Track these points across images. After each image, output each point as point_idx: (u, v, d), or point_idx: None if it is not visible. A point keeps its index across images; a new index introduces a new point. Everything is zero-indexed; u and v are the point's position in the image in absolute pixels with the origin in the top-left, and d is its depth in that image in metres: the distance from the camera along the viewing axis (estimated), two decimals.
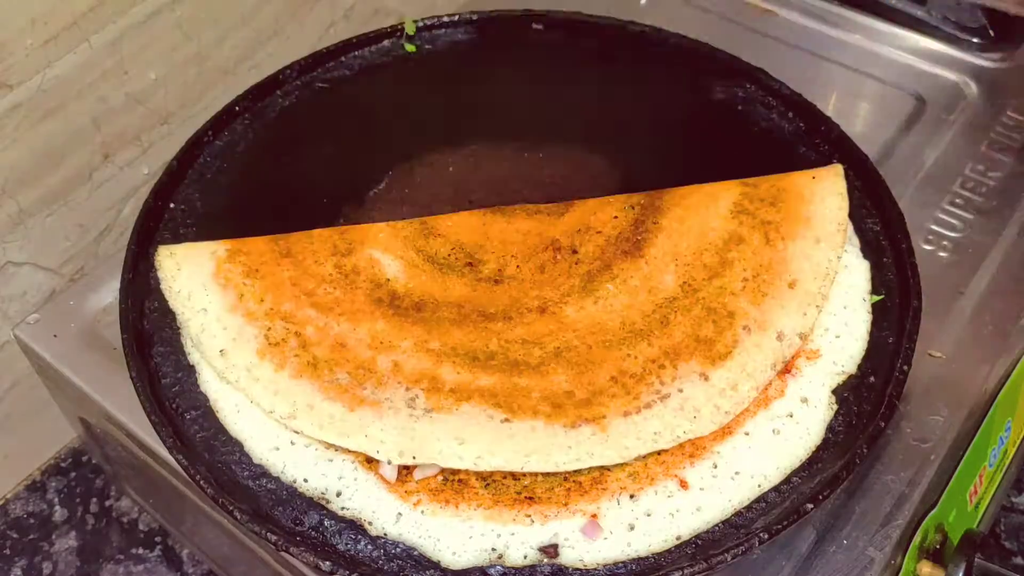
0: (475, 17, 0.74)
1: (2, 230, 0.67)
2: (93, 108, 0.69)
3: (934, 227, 0.68)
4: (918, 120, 0.77)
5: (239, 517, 0.47)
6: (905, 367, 0.52)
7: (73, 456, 0.80)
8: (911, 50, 0.83)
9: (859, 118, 0.67)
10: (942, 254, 0.67)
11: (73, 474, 0.79)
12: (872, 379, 0.53)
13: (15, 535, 0.76)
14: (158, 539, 0.78)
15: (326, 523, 0.48)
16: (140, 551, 0.78)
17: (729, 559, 0.45)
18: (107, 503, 0.80)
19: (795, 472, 0.49)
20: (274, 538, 0.46)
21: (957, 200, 0.71)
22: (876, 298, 0.56)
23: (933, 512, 0.56)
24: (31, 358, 0.66)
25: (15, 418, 0.74)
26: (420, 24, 0.74)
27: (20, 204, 0.67)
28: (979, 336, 0.63)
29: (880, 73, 0.82)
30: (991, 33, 0.83)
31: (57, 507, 0.78)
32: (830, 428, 0.51)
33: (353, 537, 0.48)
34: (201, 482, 0.48)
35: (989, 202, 0.71)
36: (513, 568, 0.47)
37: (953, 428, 0.58)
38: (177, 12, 0.71)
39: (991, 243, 0.68)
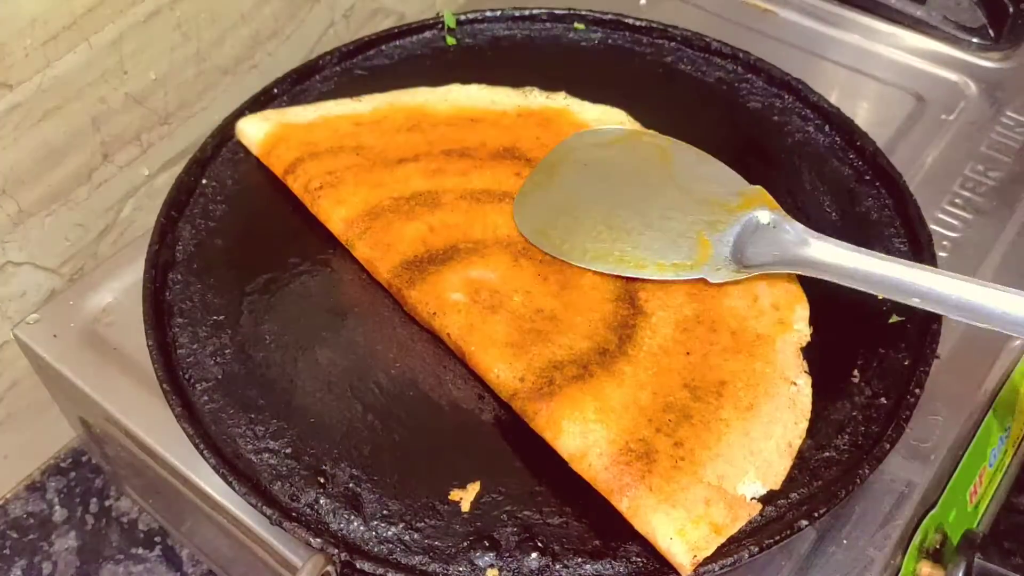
0: (517, 13, 0.76)
1: (2, 230, 0.67)
2: (93, 108, 0.69)
3: (934, 227, 0.68)
4: (918, 120, 0.77)
5: (237, 489, 0.48)
6: (918, 390, 0.52)
7: (73, 456, 0.79)
8: (911, 50, 0.83)
9: (858, 118, 0.67)
10: (942, 254, 0.67)
11: (73, 474, 0.79)
12: (883, 400, 0.53)
13: (15, 535, 0.76)
14: (158, 539, 0.78)
15: (322, 501, 0.49)
16: (140, 551, 0.78)
17: (717, 570, 0.45)
18: (107, 503, 0.79)
19: (792, 486, 0.49)
20: (269, 512, 0.48)
21: (957, 200, 0.71)
22: (897, 319, 0.56)
23: (933, 512, 0.56)
24: (31, 358, 0.66)
25: (15, 418, 0.74)
26: (461, 18, 0.75)
27: (20, 204, 0.67)
28: (978, 336, 0.63)
29: (879, 73, 0.82)
30: (991, 33, 0.83)
31: (57, 507, 0.78)
32: (834, 447, 0.51)
33: (346, 517, 0.48)
34: (204, 452, 0.50)
35: (989, 202, 0.71)
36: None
37: (953, 428, 0.58)
38: (177, 12, 0.71)
39: (991, 243, 0.68)
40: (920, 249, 0.59)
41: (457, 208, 0.60)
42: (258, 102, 0.68)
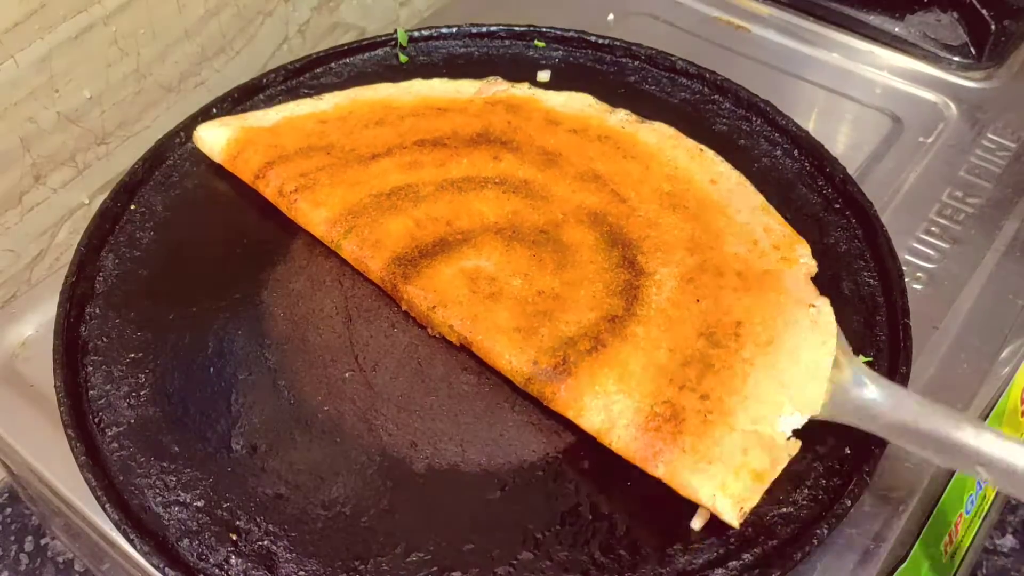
0: (474, 30, 0.73)
1: None
2: (21, 128, 0.65)
3: (909, 257, 0.65)
4: (894, 142, 0.74)
5: (139, 548, 0.45)
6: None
7: (10, 492, 0.76)
8: (888, 69, 0.80)
9: (832, 140, 0.64)
10: (917, 286, 0.63)
11: (9, 510, 0.76)
12: (847, 450, 0.49)
13: None
14: None
15: (232, 560, 0.46)
16: None
17: None
18: (43, 541, 0.76)
19: (746, 546, 0.46)
20: (172, 574, 0.44)
21: (933, 228, 0.67)
22: (864, 359, 0.52)
23: (902, 567, 0.52)
24: None
25: None
26: (414, 34, 0.72)
27: None
28: (954, 374, 0.59)
29: (855, 93, 0.78)
30: (972, 51, 0.80)
31: None
32: (792, 501, 0.47)
33: None
34: (106, 506, 0.46)
35: (967, 230, 0.67)
36: None
37: (924, 475, 0.54)
38: (112, 27, 0.67)
39: (968, 274, 0.64)
40: (890, 284, 0.55)
41: (440, 199, 0.58)
42: (195, 122, 0.65)
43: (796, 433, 0.47)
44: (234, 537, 0.46)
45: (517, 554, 0.45)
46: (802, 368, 0.49)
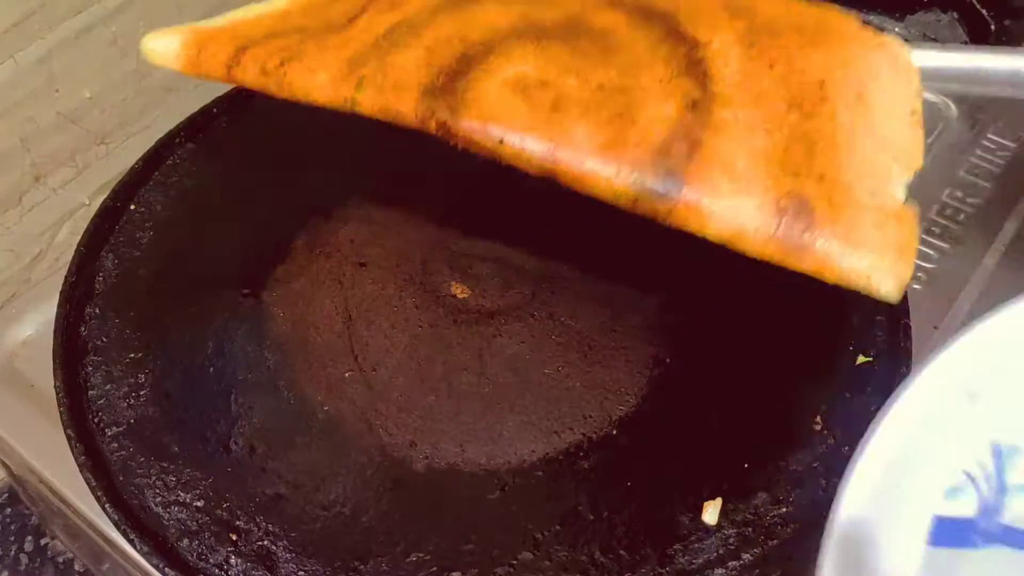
0: None
1: None
2: (21, 128, 0.66)
3: None
4: None
5: (138, 547, 0.45)
6: None
7: (9, 491, 0.76)
8: None
9: None
10: (916, 286, 0.63)
11: (9, 510, 0.76)
12: (847, 449, 0.49)
13: None
14: None
15: (232, 560, 0.45)
16: None
17: None
18: (42, 541, 0.76)
19: (746, 546, 0.46)
20: (172, 573, 0.44)
21: (933, 228, 0.67)
22: (864, 359, 0.52)
23: None
24: None
25: None
26: None
27: None
28: None
29: None
30: None
31: None
32: (792, 502, 0.47)
33: None
34: (107, 506, 0.46)
35: (967, 230, 0.67)
36: None
37: None
38: (112, 28, 0.67)
39: (968, 275, 0.64)
40: None
41: (439, 21, 0.51)
42: (195, 123, 0.65)
43: None
44: (234, 537, 0.46)
45: (517, 554, 0.45)
46: (897, 121, 0.47)
